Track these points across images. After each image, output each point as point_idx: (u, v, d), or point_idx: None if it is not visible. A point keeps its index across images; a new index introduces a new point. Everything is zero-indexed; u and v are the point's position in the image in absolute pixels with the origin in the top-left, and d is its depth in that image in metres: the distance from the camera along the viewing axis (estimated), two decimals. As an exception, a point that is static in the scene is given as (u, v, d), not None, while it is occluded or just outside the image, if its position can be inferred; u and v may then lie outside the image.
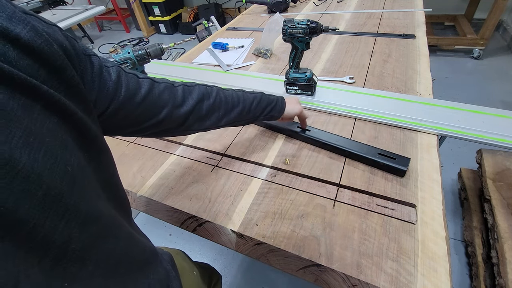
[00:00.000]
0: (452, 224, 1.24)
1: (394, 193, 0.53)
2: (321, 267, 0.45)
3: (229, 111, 0.50)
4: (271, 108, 0.56)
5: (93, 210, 0.23)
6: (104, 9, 2.06)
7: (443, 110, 0.71)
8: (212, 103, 0.47)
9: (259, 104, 0.54)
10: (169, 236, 1.37)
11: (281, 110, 0.58)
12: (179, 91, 0.44)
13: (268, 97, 0.56)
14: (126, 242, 0.29)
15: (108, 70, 0.33)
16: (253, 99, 0.53)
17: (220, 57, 1.10)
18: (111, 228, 0.26)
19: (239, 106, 0.51)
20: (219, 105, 0.48)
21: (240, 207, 0.54)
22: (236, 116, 0.51)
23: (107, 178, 0.29)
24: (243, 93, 0.53)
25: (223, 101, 0.49)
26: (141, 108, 0.37)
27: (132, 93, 0.36)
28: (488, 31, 2.12)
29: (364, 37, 1.14)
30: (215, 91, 0.49)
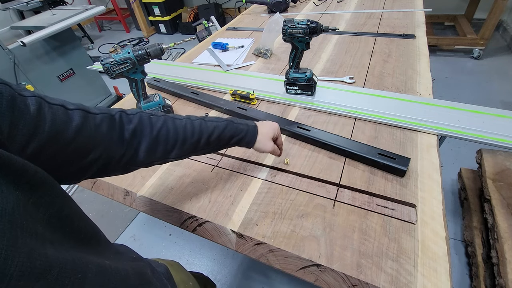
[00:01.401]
0: (452, 224, 1.23)
1: (394, 193, 0.53)
2: (321, 267, 0.45)
3: (180, 143, 0.44)
4: (237, 139, 0.51)
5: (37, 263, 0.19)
6: (104, 9, 2.05)
7: (443, 110, 0.71)
8: (155, 135, 0.41)
9: (221, 135, 0.48)
10: (169, 236, 1.36)
11: (250, 143, 0.53)
12: (116, 122, 0.38)
13: (236, 127, 0.50)
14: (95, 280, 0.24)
15: (24, 100, 0.27)
16: (213, 129, 0.47)
17: (220, 57, 1.10)
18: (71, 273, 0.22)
19: (193, 137, 0.45)
20: (165, 137, 0.43)
21: (240, 207, 0.54)
22: (190, 148, 0.46)
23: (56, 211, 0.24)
24: (201, 122, 0.47)
25: (171, 132, 0.43)
26: (72, 145, 0.31)
27: (59, 128, 0.30)
28: (488, 31, 2.12)
29: (364, 37, 1.14)
30: (161, 121, 0.43)
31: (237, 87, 0.86)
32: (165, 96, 0.83)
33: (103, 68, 0.65)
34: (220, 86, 0.91)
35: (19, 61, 1.71)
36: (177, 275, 0.51)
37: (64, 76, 2.02)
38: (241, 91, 0.82)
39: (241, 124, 0.52)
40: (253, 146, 0.53)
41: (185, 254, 1.30)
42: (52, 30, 1.71)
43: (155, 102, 0.76)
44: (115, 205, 1.52)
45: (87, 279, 0.24)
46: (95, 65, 1.21)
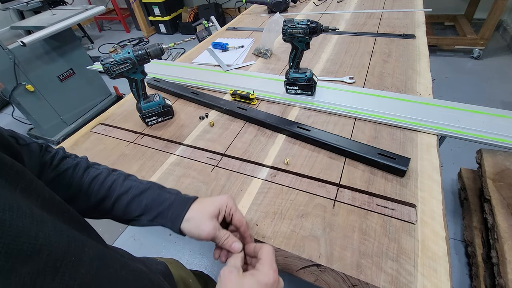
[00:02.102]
0: (452, 224, 1.24)
1: (394, 193, 0.53)
2: (321, 267, 0.45)
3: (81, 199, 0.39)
4: (155, 213, 0.40)
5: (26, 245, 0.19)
6: (104, 9, 2.05)
7: (443, 110, 0.71)
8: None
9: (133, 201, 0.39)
10: (169, 236, 1.36)
11: (174, 222, 0.39)
12: None
13: (159, 194, 0.40)
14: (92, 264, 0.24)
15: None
16: (128, 190, 0.39)
17: (220, 57, 1.10)
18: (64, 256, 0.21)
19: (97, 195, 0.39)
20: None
21: (240, 207, 0.54)
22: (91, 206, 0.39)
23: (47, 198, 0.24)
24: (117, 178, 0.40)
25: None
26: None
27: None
28: (488, 31, 2.12)
29: (364, 37, 1.14)
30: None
31: (237, 87, 0.86)
32: (165, 96, 0.83)
33: (103, 68, 0.65)
34: (220, 86, 0.91)
35: (19, 61, 1.71)
36: (176, 273, 0.51)
37: (64, 76, 2.02)
38: (241, 91, 0.82)
39: (169, 192, 0.41)
40: (179, 227, 0.39)
41: (185, 254, 1.30)
42: (52, 30, 1.71)
43: (155, 102, 0.76)
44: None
45: (82, 262, 0.23)
46: (95, 65, 1.21)
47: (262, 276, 0.33)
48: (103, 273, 0.25)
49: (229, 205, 0.40)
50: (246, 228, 0.41)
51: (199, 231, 0.38)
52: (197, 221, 0.38)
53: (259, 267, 0.35)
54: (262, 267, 0.34)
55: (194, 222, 0.38)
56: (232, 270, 0.34)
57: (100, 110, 2.31)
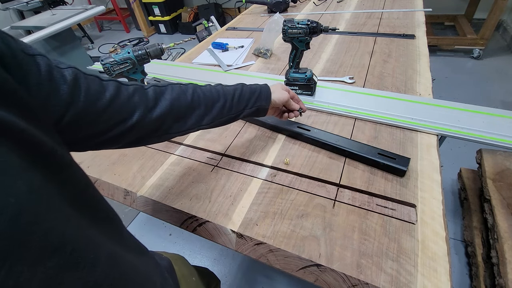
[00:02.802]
0: (452, 224, 1.24)
1: (394, 193, 0.53)
2: (321, 267, 0.45)
3: (210, 107, 0.46)
4: (255, 98, 0.51)
5: (55, 239, 0.19)
6: (104, 9, 2.06)
7: (443, 110, 0.71)
8: (190, 100, 0.43)
9: (241, 96, 0.50)
10: (169, 236, 1.37)
11: (267, 98, 0.53)
12: (150, 93, 0.40)
13: (250, 87, 0.52)
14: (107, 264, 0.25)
15: (61, 72, 0.29)
16: (234, 91, 0.49)
17: (220, 57, 1.10)
18: (84, 252, 0.22)
19: (220, 101, 0.47)
20: (198, 102, 0.44)
21: (240, 207, 0.54)
22: (218, 112, 0.47)
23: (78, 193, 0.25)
24: (222, 87, 0.49)
25: (201, 97, 0.45)
26: (107, 113, 0.33)
27: (94, 97, 0.32)
28: (488, 31, 2.12)
29: (364, 37, 1.14)
30: (191, 88, 0.45)
31: (237, 87, 0.86)
32: (165, 96, 0.83)
33: (103, 68, 0.65)
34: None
35: (19, 61, 1.71)
36: (179, 270, 0.51)
37: (64, 76, 2.02)
38: (241, 91, 0.82)
39: (253, 84, 0.54)
40: (270, 100, 0.54)
41: (185, 254, 1.30)
42: (52, 30, 1.71)
43: (155, 102, 0.76)
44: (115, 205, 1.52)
45: (98, 261, 0.24)
46: (95, 65, 1.21)
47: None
48: (115, 272, 0.26)
49: (286, 87, 0.60)
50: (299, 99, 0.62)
51: (282, 96, 0.56)
52: (278, 92, 0.56)
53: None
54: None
55: (277, 93, 0.56)
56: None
57: (100, 110, 2.30)
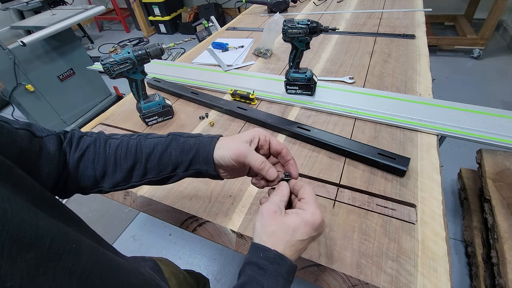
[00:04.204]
0: (452, 224, 1.24)
1: (394, 193, 0.53)
2: (321, 267, 0.45)
3: (112, 170, 0.38)
4: (189, 160, 0.38)
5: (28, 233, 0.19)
6: (104, 9, 2.05)
7: (443, 110, 0.71)
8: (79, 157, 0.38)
9: (162, 157, 0.38)
10: (169, 236, 1.37)
11: (207, 160, 0.37)
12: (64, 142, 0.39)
13: (184, 144, 0.38)
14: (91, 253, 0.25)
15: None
16: (154, 147, 0.38)
17: (220, 57, 1.10)
18: (65, 244, 0.22)
19: (127, 162, 0.38)
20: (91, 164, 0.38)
21: (240, 207, 0.54)
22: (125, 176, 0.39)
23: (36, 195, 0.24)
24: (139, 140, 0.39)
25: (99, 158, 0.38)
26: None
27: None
28: (488, 31, 2.12)
29: (364, 37, 1.14)
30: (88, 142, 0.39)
31: (237, 87, 0.86)
32: (165, 96, 0.83)
33: (103, 68, 0.65)
34: (220, 86, 0.91)
35: (19, 61, 1.71)
36: (166, 269, 0.51)
37: (64, 76, 2.02)
38: (241, 91, 0.82)
39: (191, 137, 0.39)
40: (212, 161, 0.37)
41: (185, 254, 1.30)
42: (52, 30, 1.71)
43: (155, 102, 0.76)
44: (115, 205, 1.52)
45: (82, 250, 0.24)
46: (95, 65, 1.21)
47: (309, 215, 0.31)
48: (101, 261, 0.26)
49: (262, 134, 0.38)
50: (287, 151, 0.38)
51: (230, 155, 0.35)
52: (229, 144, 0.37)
53: (304, 206, 0.33)
54: (308, 206, 0.32)
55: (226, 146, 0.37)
56: (275, 209, 0.32)
57: (100, 110, 2.31)
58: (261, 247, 0.31)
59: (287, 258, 0.31)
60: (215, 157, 0.37)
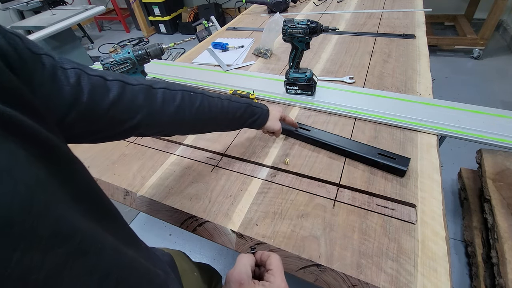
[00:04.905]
0: (452, 224, 1.24)
1: (394, 193, 0.53)
2: (321, 267, 0.45)
3: (212, 120, 0.49)
4: (252, 121, 0.56)
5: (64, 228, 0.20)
6: (104, 9, 2.06)
7: (443, 110, 0.71)
8: (195, 112, 0.45)
9: (242, 116, 0.54)
10: (169, 236, 1.37)
11: (262, 124, 0.59)
12: (158, 95, 0.41)
13: (252, 110, 0.56)
14: (112, 254, 0.26)
15: (65, 72, 0.29)
16: (237, 110, 0.53)
17: (220, 57, 1.10)
18: (92, 242, 0.23)
19: (221, 116, 0.50)
20: (201, 114, 0.47)
21: (240, 207, 0.54)
22: (218, 125, 0.52)
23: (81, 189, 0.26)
24: (228, 103, 0.51)
25: (206, 110, 0.47)
26: (109, 114, 0.34)
27: (97, 98, 0.32)
28: (488, 31, 2.12)
29: (364, 37, 1.14)
30: (199, 100, 0.47)
31: (237, 87, 0.86)
32: (165, 96, 0.83)
33: (103, 68, 0.65)
34: (220, 86, 0.91)
35: (19, 61, 1.71)
36: (180, 266, 0.52)
37: (64, 76, 2.02)
38: (241, 91, 0.82)
39: (257, 107, 0.57)
40: (263, 126, 0.59)
41: (185, 254, 1.30)
42: (52, 30, 1.71)
43: (155, 102, 0.76)
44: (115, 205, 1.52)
45: (105, 250, 0.25)
46: (95, 65, 1.21)
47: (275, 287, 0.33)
48: (120, 262, 0.27)
49: (283, 114, 0.63)
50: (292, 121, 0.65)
51: (274, 127, 0.60)
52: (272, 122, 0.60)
53: (270, 278, 0.34)
54: (274, 279, 0.33)
55: (271, 123, 0.60)
56: (243, 278, 0.33)
57: (100, 110, 2.30)
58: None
59: None
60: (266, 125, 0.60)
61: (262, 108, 0.58)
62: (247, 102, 0.56)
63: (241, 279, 0.32)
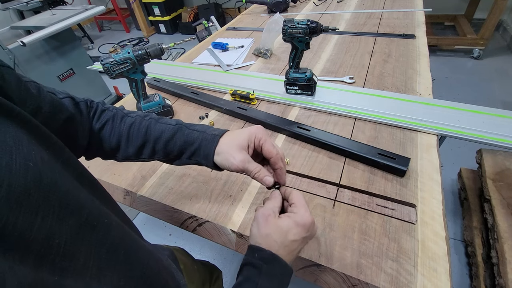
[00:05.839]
0: (452, 224, 1.24)
1: (394, 193, 0.53)
2: (321, 267, 0.45)
3: (124, 145, 0.43)
4: (191, 152, 0.41)
5: (72, 202, 0.23)
6: (104, 9, 2.05)
7: (443, 110, 0.71)
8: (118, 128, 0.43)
9: (168, 144, 0.41)
10: (169, 236, 1.37)
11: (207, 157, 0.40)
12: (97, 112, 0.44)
13: (188, 134, 0.41)
14: (118, 230, 0.28)
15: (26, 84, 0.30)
16: (160, 134, 0.41)
17: (220, 57, 1.10)
18: (99, 217, 0.25)
19: (137, 141, 0.42)
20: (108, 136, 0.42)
21: (240, 207, 0.54)
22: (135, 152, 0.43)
23: (81, 173, 0.28)
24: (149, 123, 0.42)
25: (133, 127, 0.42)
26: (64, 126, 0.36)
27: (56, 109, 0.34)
28: (488, 31, 2.12)
29: (364, 37, 1.14)
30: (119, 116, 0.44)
31: (237, 87, 0.86)
32: (165, 96, 0.83)
33: (103, 68, 0.65)
34: (220, 86, 0.91)
35: (19, 61, 1.71)
36: (181, 260, 0.52)
37: (64, 76, 2.02)
38: (241, 91, 0.82)
39: (196, 131, 0.41)
40: (212, 161, 0.40)
41: (185, 254, 1.30)
42: (52, 30, 1.71)
43: (155, 102, 0.76)
44: (115, 205, 1.52)
45: (112, 226, 0.27)
46: (95, 65, 1.21)
47: (299, 217, 0.34)
48: (126, 238, 0.29)
49: (257, 136, 0.39)
50: (277, 159, 0.39)
51: (228, 164, 0.38)
52: (226, 154, 0.39)
53: (294, 209, 0.35)
54: (298, 209, 0.35)
55: (224, 156, 0.39)
56: (269, 213, 0.35)
57: (100, 110, 2.30)
58: (257, 248, 0.33)
59: (281, 259, 0.32)
60: (215, 160, 0.40)
61: (205, 132, 0.41)
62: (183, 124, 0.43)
63: (268, 213, 0.35)
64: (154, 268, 0.33)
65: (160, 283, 0.34)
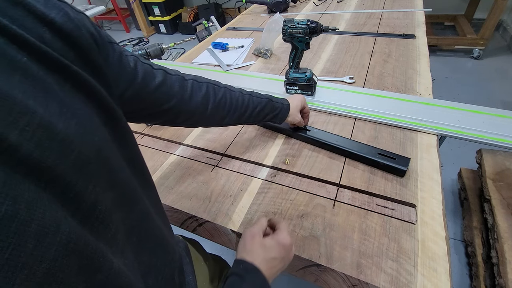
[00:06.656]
0: (452, 224, 1.23)
1: (394, 193, 0.53)
2: (321, 267, 0.45)
3: (232, 113, 0.52)
4: (273, 115, 0.59)
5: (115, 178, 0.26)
6: (104, 9, 2.06)
7: (443, 110, 0.71)
8: (217, 103, 0.50)
9: (262, 111, 0.56)
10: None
11: (282, 118, 0.61)
12: (188, 85, 0.47)
13: (273, 105, 0.58)
14: (139, 215, 0.30)
15: (127, 58, 0.36)
16: (257, 105, 0.55)
17: (220, 57, 1.10)
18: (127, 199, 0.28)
19: (241, 110, 0.53)
20: (223, 107, 0.51)
21: (240, 207, 0.54)
22: (238, 118, 0.54)
23: (131, 157, 0.31)
24: (250, 97, 0.55)
25: (227, 103, 0.51)
26: (154, 95, 0.41)
27: (147, 81, 0.39)
28: (488, 31, 2.12)
29: (364, 37, 1.14)
30: (221, 92, 0.51)
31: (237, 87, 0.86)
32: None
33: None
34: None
35: (19, 61, 1.71)
36: (194, 254, 0.53)
37: (64, 76, 2.02)
38: (241, 91, 0.82)
39: (277, 102, 0.59)
40: (284, 120, 0.62)
41: (185, 254, 1.30)
42: (52, 30, 1.71)
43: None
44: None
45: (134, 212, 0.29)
46: (95, 65, 1.21)
47: (281, 237, 0.40)
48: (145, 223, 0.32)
49: (302, 104, 0.64)
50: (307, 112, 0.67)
51: (294, 121, 0.63)
52: (293, 115, 0.62)
53: (277, 232, 0.41)
54: (281, 232, 0.41)
55: (292, 117, 0.62)
56: (255, 233, 0.41)
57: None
58: (241, 261, 0.38)
59: (262, 272, 0.37)
60: (287, 120, 0.62)
61: (282, 103, 0.60)
62: (268, 97, 0.58)
63: (254, 233, 0.40)
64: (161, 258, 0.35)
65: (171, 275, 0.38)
